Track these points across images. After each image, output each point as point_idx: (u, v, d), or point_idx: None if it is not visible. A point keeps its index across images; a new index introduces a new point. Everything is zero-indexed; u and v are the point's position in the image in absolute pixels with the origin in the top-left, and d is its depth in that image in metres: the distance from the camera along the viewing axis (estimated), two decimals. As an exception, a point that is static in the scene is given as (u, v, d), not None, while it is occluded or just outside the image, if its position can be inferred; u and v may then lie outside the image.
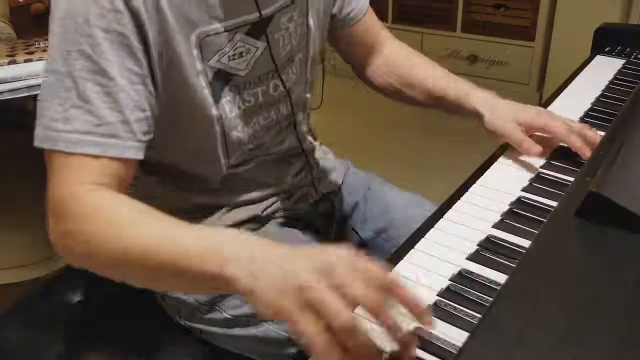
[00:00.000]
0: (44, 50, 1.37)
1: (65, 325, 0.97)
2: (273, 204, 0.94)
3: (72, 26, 0.69)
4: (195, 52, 0.77)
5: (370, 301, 0.52)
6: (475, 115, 0.97)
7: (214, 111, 0.81)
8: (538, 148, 0.90)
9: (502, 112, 0.94)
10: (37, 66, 1.31)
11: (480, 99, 0.97)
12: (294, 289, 0.52)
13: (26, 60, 1.33)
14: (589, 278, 0.60)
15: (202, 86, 0.79)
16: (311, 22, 0.92)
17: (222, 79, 0.81)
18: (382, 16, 3.07)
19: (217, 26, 0.78)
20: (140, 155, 0.73)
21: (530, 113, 0.94)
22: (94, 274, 0.72)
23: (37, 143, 0.71)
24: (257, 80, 0.85)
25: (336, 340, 0.50)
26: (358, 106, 1.05)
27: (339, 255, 0.55)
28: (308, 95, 0.98)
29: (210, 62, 0.79)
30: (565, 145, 0.90)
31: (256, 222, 0.93)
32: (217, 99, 0.81)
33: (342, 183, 1.07)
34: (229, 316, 0.88)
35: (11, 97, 1.29)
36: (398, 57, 1.09)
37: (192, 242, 0.61)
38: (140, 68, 0.72)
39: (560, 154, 0.91)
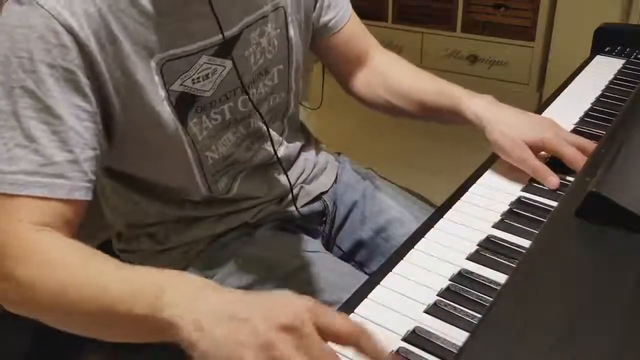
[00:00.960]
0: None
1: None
2: (261, 210, 0.93)
3: (15, 62, 0.66)
4: (156, 78, 0.75)
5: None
6: (475, 125, 0.90)
7: (183, 135, 0.80)
8: (556, 180, 0.83)
9: (508, 130, 0.86)
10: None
11: (479, 107, 0.89)
12: (256, 346, 0.49)
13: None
14: (589, 278, 0.60)
15: (168, 112, 0.77)
16: (292, 32, 0.90)
17: (186, 101, 0.79)
18: (382, 16, 3.08)
19: (178, 51, 0.76)
20: (89, 196, 0.70)
21: (540, 131, 0.86)
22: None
23: None
24: (224, 98, 0.83)
25: None
26: (358, 106, 1.05)
27: (301, 308, 0.51)
28: (293, 103, 0.96)
29: (173, 87, 0.77)
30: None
31: (246, 229, 0.92)
32: (184, 123, 0.79)
33: (337, 182, 1.05)
34: None
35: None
36: (386, 68, 1.04)
37: (125, 286, 0.58)
38: (90, 105, 0.70)
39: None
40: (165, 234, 0.90)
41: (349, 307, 0.65)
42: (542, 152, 0.88)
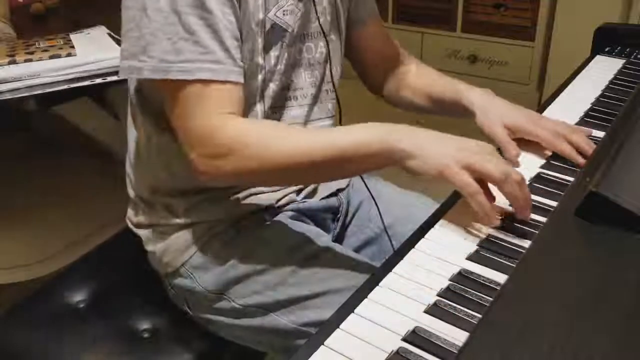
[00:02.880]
0: (44, 50, 1.36)
1: (65, 325, 0.97)
2: (286, 195, 0.96)
3: None
4: (260, 0, 0.84)
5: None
6: (469, 114, 0.99)
7: (260, 60, 0.87)
8: (516, 151, 0.91)
9: (492, 114, 0.96)
10: (37, 66, 1.31)
11: (474, 97, 0.99)
12: (455, 156, 0.73)
13: (26, 60, 1.33)
14: (589, 278, 0.60)
15: (258, 34, 0.85)
16: (340, 5, 0.97)
17: (276, 32, 0.87)
18: (382, 16, 3.08)
19: None
20: (242, 80, 0.81)
21: (519, 117, 0.95)
22: (94, 273, 0.71)
23: (149, 75, 0.78)
24: (298, 39, 0.91)
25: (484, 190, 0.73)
26: (358, 106, 1.06)
27: (479, 143, 0.77)
28: (338, 76, 1.01)
29: (270, 14, 0.86)
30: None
31: (270, 212, 0.95)
32: (267, 50, 0.87)
33: (350, 180, 1.08)
34: (237, 306, 0.88)
35: (11, 97, 1.29)
36: (407, 68, 1.13)
37: (359, 136, 0.76)
38: (231, 1, 0.79)
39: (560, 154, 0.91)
40: (185, 208, 0.92)
41: (348, 307, 0.65)
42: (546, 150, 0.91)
